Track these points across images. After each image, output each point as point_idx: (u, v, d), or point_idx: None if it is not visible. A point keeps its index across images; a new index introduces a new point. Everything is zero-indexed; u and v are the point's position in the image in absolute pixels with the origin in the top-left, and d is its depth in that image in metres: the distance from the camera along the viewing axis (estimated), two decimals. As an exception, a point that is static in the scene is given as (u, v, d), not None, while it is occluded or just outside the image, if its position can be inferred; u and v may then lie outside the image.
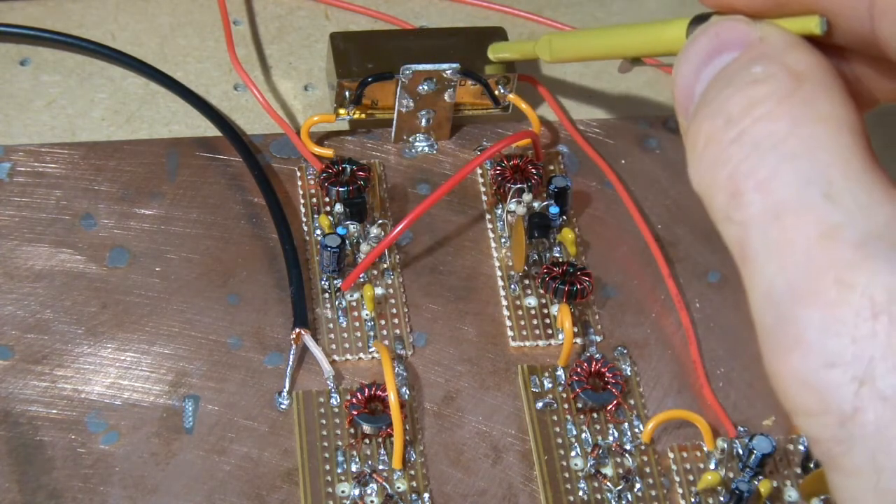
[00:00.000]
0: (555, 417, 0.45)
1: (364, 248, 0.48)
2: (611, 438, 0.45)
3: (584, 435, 0.45)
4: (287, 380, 0.45)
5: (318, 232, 0.49)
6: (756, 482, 0.44)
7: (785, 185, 0.25)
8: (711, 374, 0.48)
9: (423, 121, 0.52)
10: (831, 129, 0.25)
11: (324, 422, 0.45)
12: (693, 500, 0.44)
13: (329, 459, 0.44)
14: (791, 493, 0.45)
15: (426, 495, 0.43)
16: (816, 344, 0.24)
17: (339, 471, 0.43)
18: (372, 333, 0.47)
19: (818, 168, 0.25)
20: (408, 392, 0.46)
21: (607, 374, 0.46)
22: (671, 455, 0.45)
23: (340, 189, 0.49)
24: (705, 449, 0.45)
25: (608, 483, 0.44)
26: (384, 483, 0.43)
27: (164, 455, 0.44)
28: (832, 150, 0.25)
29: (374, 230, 0.49)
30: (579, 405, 0.46)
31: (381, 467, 0.44)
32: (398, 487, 0.43)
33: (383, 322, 0.47)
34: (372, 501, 0.43)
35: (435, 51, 0.51)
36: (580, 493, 0.44)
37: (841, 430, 0.24)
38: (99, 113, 0.53)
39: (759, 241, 0.25)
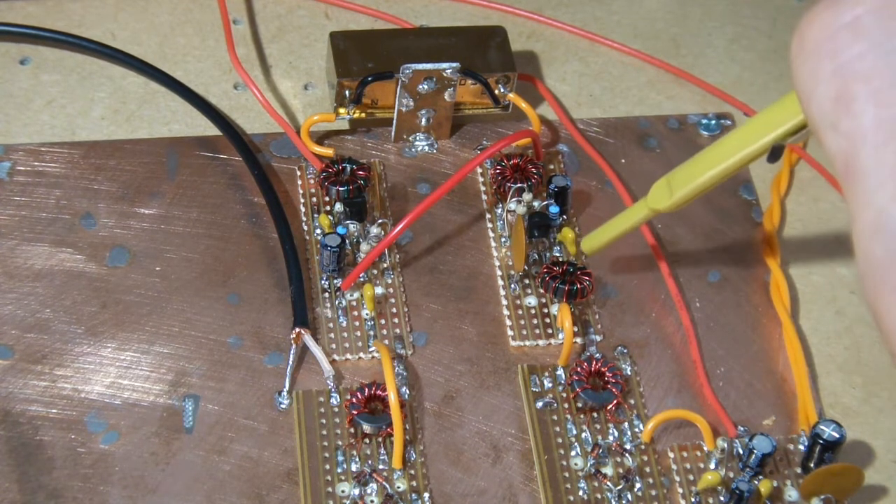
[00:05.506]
0: (555, 417, 0.45)
1: (364, 247, 0.48)
2: (611, 438, 0.45)
3: (584, 434, 0.45)
4: (287, 379, 0.45)
5: (318, 231, 0.49)
6: (756, 482, 0.44)
7: None
8: (711, 374, 0.48)
9: (423, 120, 0.52)
10: None
11: (324, 421, 0.44)
12: (693, 499, 0.44)
13: (329, 459, 0.44)
14: (791, 493, 0.45)
15: (426, 495, 0.43)
16: None
17: (339, 470, 0.43)
18: (372, 333, 0.47)
19: None
20: (408, 392, 0.46)
21: (607, 374, 0.46)
22: (671, 455, 0.45)
23: (340, 188, 0.49)
24: (705, 449, 0.45)
25: (608, 483, 0.44)
26: (384, 483, 0.43)
27: (164, 455, 0.44)
28: None
29: (374, 230, 0.49)
30: (579, 405, 0.46)
31: (381, 467, 0.44)
32: (398, 487, 0.43)
33: (383, 322, 0.47)
34: (372, 501, 0.43)
35: (435, 50, 0.51)
36: (580, 492, 0.44)
37: None
38: (99, 112, 0.53)
39: (871, 162, 0.22)
